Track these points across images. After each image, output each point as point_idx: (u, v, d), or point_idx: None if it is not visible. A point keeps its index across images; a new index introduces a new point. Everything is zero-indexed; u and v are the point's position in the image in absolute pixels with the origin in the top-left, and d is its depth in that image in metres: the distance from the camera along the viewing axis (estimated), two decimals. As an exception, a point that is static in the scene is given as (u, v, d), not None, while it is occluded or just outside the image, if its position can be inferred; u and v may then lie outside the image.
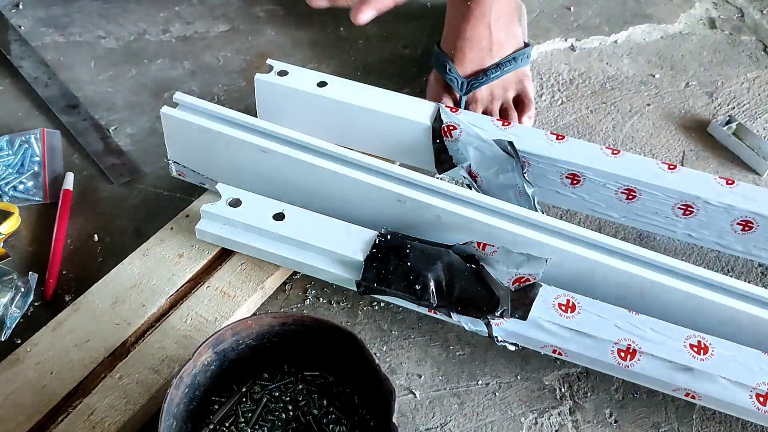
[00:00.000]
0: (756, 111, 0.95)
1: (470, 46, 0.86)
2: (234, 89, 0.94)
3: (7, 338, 0.66)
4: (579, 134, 0.90)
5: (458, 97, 0.86)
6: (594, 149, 0.74)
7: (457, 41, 0.87)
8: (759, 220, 0.70)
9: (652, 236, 0.78)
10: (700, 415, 0.64)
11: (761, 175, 0.86)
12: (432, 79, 0.90)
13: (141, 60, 0.97)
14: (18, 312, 0.67)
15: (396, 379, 0.66)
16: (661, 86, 0.98)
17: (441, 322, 0.70)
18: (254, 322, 0.57)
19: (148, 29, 1.02)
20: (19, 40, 0.97)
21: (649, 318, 0.62)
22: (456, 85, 0.86)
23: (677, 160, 0.88)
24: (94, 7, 1.05)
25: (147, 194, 0.81)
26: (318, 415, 0.58)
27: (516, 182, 0.71)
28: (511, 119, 0.86)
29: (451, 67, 0.86)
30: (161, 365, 0.62)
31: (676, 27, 1.08)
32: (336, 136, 0.81)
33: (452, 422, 0.63)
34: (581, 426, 0.63)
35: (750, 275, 0.75)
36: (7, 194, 0.78)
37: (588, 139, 0.88)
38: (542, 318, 0.62)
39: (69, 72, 0.95)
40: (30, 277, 0.69)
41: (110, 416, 0.58)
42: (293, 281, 0.72)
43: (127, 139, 0.87)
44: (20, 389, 0.60)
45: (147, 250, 0.71)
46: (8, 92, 0.91)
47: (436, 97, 0.87)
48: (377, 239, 0.66)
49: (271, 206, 0.70)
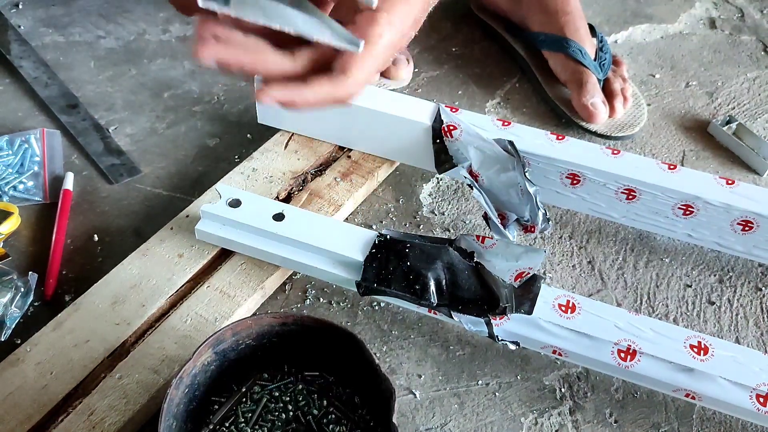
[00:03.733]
0: (756, 111, 0.95)
1: (579, 16, 0.88)
2: (234, 89, 0.94)
3: (7, 338, 0.66)
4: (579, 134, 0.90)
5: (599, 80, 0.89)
6: (594, 149, 0.74)
7: (564, 17, 0.88)
8: (759, 220, 0.70)
9: (652, 236, 0.78)
10: (700, 416, 0.64)
11: (761, 175, 0.86)
12: (571, 75, 0.90)
13: (141, 60, 0.97)
14: (18, 312, 0.67)
15: (396, 379, 0.66)
16: (661, 86, 0.98)
17: (441, 322, 0.70)
18: (254, 322, 0.57)
19: (148, 29, 1.02)
20: (19, 40, 0.97)
21: (649, 318, 0.62)
22: (594, 68, 0.88)
23: (677, 160, 0.88)
24: (94, 7, 1.05)
25: (147, 194, 0.81)
26: (318, 415, 0.58)
27: (518, 181, 0.71)
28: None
29: (584, 51, 0.88)
30: (161, 365, 0.62)
31: (676, 27, 1.08)
32: (336, 135, 0.82)
33: (452, 422, 0.63)
34: (581, 426, 0.63)
35: (750, 275, 0.75)
36: (7, 194, 0.77)
37: (588, 139, 0.88)
38: (542, 318, 0.62)
39: (69, 72, 0.94)
40: (30, 277, 0.69)
41: (110, 416, 0.58)
42: (293, 281, 0.72)
43: (127, 139, 0.86)
44: (20, 389, 0.60)
45: (147, 250, 0.71)
46: (8, 92, 0.91)
47: (593, 91, 0.88)
48: (377, 239, 0.66)
49: (271, 206, 0.70)
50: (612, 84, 0.90)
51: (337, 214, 0.75)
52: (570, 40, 0.89)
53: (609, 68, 0.91)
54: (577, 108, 0.89)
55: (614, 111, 0.89)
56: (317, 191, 0.77)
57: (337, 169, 0.80)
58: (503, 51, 1.02)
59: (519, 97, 0.95)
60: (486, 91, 0.96)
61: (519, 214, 0.72)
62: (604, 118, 0.88)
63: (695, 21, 1.10)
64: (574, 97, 0.89)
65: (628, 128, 0.89)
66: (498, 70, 0.99)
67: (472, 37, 1.04)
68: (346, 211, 0.78)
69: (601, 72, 0.89)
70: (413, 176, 0.83)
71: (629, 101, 0.90)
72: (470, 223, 0.79)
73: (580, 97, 0.88)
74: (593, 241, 0.78)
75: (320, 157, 0.81)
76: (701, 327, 0.71)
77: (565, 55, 0.90)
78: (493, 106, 0.94)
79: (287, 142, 0.82)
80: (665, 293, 0.73)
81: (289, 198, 0.77)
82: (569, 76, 0.90)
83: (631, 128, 0.89)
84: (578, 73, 0.89)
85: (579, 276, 0.74)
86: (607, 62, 0.90)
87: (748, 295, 0.74)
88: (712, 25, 1.09)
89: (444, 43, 1.03)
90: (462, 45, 1.03)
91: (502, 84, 0.97)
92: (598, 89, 0.88)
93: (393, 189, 0.82)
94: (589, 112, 0.87)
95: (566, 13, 0.91)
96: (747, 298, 0.73)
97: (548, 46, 0.92)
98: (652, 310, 0.72)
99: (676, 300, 0.73)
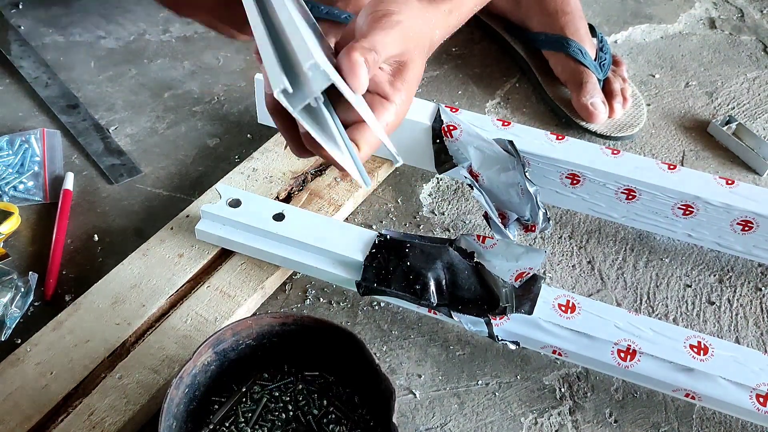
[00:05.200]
0: (756, 111, 0.95)
1: (579, 16, 0.87)
2: (234, 89, 0.94)
3: (7, 338, 0.66)
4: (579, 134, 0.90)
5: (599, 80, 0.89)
6: (594, 149, 0.74)
7: (564, 17, 0.88)
8: (759, 220, 0.70)
9: (651, 236, 0.78)
10: (700, 416, 0.64)
11: (761, 175, 0.86)
12: (571, 74, 0.90)
13: (141, 60, 0.97)
14: (18, 312, 0.67)
15: (396, 379, 0.66)
16: (661, 86, 0.98)
17: (441, 322, 0.70)
18: (254, 322, 0.57)
19: (148, 29, 1.02)
20: (19, 40, 0.97)
21: (649, 318, 0.62)
22: (594, 67, 0.88)
23: (677, 160, 0.88)
24: (94, 7, 1.05)
25: (147, 194, 0.81)
26: (318, 415, 0.58)
27: (518, 181, 0.71)
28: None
29: (584, 50, 0.87)
30: (161, 365, 0.62)
31: (676, 27, 1.08)
32: (336, 136, 0.81)
33: (452, 422, 0.63)
34: (581, 426, 0.63)
35: (750, 275, 0.75)
36: (7, 194, 0.78)
37: (588, 139, 0.88)
38: (542, 318, 0.62)
39: (69, 72, 0.95)
40: (30, 277, 0.69)
41: (110, 416, 0.58)
42: (293, 281, 0.72)
43: (127, 139, 0.87)
44: (20, 389, 0.60)
45: (147, 250, 0.71)
46: (8, 92, 0.91)
47: (593, 91, 0.88)
48: (377, 239, 0.66)
49: (271, 206, 0.70)
50: (612, 84, 0.90)
51: (337, 214, 0.75)
52: (570, 40, 0.89)
53: (609, 68, 0.91)
54: (577, 108, 0.89)
55: (614, 111, 0.89)
56: (317, 191, 0.77)
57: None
58: (503, 51, 1.02)
59: (519, 97, 0.95)
60: (486, 91, 0.96)
61: (519, 213, 0.72)
62: (604, 118, 0.88)
63: (695, 21, 1.10)
64: (574, 97, 0.89)
65: (628, 128, 0.89)
66: (498, 70, 0.99)
67: (472, 37, 1.04)
68: (346, 211, 0.78)
69: (601, 72, 0.89)
70: (413, 176, 0.83)
71: (629, 101, 0.90)
72: (470, 223, 0.79)
73: (580, 97, 0.88)
74: (593, 241, 0.78)
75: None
76: (701, 327, 0.71)
77: (565, 55, 0.90)
78: (493, 106, 0.94)
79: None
80: (665, 293, 0.73)
81: (289, 198, 0.77)
82: (569, 76, 0.90)
83: (630, 128, 0.89)
84: (578, 73, 0.89)
85: (579, 276, 0.74)
86: (607, 62, 0.90)
87: (748, 295, 0.74)
88: (712, 25, 1.09)
89: (444, 43, 1.03)
90: (462, 45, 1.03)
91: (502, 84, 0.97)
92: (598, 89, 0.88)
93: (393, 189, 0.82)
94: (589, 112, 0.88)
95: (566, 13, 0.91)
96: (747, 298, 0.73)
97: (548, 46, 0.92)
98: (652, 310, 0.72)
99: (675, 300, 0.73)
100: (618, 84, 0.90)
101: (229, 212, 0.69)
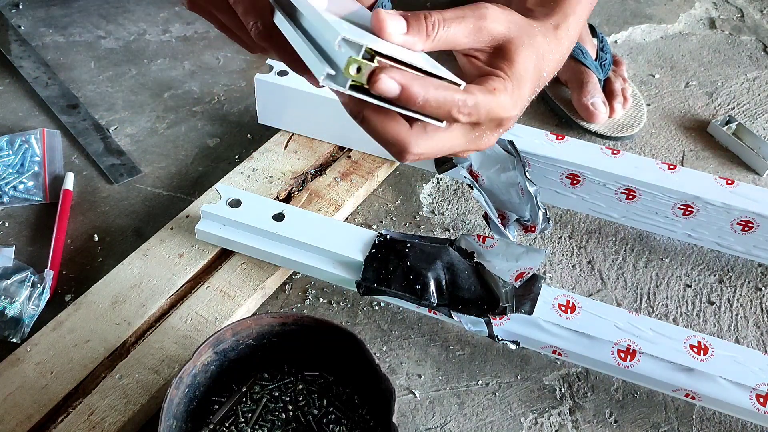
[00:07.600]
0: (756, 111, 0.95)
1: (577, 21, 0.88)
2: (234, 89, 0.94)
3: (25, 337, 0.65)
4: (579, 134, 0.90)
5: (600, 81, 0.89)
6: (594, 149, 0.74)
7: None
8: (759, 220, 0.70)
9: (651, 236, 0.78)
10: (700, 416, 0.64)
11: (761, 175, 0.86)
12: (574, 77, 0.90)
13: (141, 60, 0.97)
14: (35, 310, 0.66)
15: (396, 379, 0.66)
16: (661, 86, 0.98)
17: (441, 322, 0.70)
18: (254, 322, 0.57)
19: (148, 29, 1.02)
20: (19, 40, 0.97)
21: (649, 318, 0.62)
22: (594, 68, 0.88)
23: (677, 160, 0.88)
24: (94, 7, 1.05)
25: (147, 194, 0.81)
26: (318, 415, 0.58)
27: (518, 181, 0.71)
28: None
29: (585, 51, 0.87)
30: (161, 365, 0.62)
31: (676, 27, 1.08)
32: (336, 136, 0.82)
33: (452, 422, 0.63)
34: (581, 426, 0.63)
35: (750, 275, 0.75)
36: (8, 194, 0.78)
37: (588, 139, 0.88)
38: (542, 318, 0.62)
39: (69, 72, 0.95)
40: (46, 273, 0.69)
41: (110, 416, 0.58)
42: (293, 281, 0.72)
43: (127, 139, 0.87)
44: (20, 389, 0.60)
45: (147, 250, 0.71)
46: (8, 92, 0.91)
47: (594, 91, 0.88)
48: (377, 239, 0.66)
49: (271, 206, 0.70)
50: (612, 84, 0.90)
51: (337, 214, 0.75)
52: None
53: (610, 68, 0.91)
54: (578, 108, 0.89)
55: (614, 111, 0.89)
56: (317, 191, 0.77)
57: (337, 169, 0.80)
58: (503, 51, 1.01)
59: (519, 97, 0.95)
60: (486, 91, 0.96)
61: (519, 213, 0.72)
62: (604, 118, 0.88)
63: (695, 21, 1.10)
64: (575, 97, 0.89)
65: (628, 128, 0.89)
66: (498, 70, 0.99)
67: (472, 37, 1.04)
68: (346, 211, 0.78)
69: (602, 72, 0.89)
70: (413, 176, 0.83)
71: (629, 101, 0.90)
72: (470, 223, 0.79)
73: (580, 97, 0.88)
74: (593, 241, 0.78)
75: (320, 157, 0.81)
76: (701, 327, 0.71)
77: None
78: (493, 106, 0.94)
79: (287, 142, 0.82)
80: (665, 293, 0.73)
81: (289, 198, 0.77)
82: (570, 76, 0.90)
83: (631, 128, 0.89)
84: (579, 73, 0.89)
85: (579, 276, 0.74)
86: (607, 62, 0.90)
87: (748, 295, 0.74)
88: (712, 25, 1.09)
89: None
90: (462, 45, 1.03)
91: (502, 84, 0.97)
92: (598, 89, 0.88)
93: (393, 189, 0.82)
94: (589, 112, 0.88)
95: None
96: (747, 298, 0.73)
97: None
98: (652, 310, 0.72)
99: (675, 300, 0.73)
100: (618, 84, 0.90)
101: (229, 212, 0.69)
